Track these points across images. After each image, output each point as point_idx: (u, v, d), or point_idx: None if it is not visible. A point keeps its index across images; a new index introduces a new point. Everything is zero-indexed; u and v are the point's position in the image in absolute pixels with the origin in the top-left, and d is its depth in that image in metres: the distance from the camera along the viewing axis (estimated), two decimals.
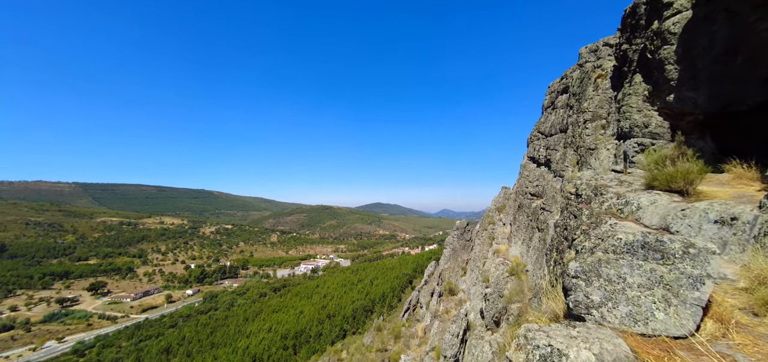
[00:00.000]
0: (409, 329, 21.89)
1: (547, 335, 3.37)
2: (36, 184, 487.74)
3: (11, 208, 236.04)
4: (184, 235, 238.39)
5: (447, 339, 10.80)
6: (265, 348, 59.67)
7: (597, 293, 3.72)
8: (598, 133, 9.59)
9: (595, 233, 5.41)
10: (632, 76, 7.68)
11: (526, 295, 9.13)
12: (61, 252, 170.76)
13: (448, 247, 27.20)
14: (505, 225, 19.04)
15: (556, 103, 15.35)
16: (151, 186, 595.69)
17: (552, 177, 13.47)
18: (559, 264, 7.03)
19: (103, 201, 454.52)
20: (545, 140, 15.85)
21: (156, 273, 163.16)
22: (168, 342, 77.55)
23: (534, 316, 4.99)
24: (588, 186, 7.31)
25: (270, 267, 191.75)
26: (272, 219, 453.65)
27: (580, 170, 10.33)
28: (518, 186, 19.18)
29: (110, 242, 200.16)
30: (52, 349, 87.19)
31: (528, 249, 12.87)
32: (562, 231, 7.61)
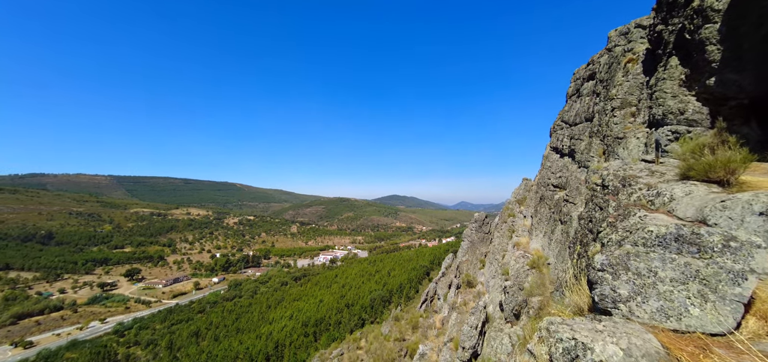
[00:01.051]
0: (426, 320, 21.99)
1: (570, 328, 3.30)
2: (77, 177, 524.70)
3: (56, 199, 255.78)
4: (210, 226, 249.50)
5: (465, 330, 10.77)
6: (287, 335, 61.96)
7: (625, 287, 3.59)
8: (627, 121, 9.10)
9: (623, 225, 5.18)
10: (667, 59, 7.18)
11: (547, 289, 8.93)
12: (100, 240, 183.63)
13: (466, 240, 26.90)
14: (526, 218, 18.57)
15: (582, 91, 14.65)
16: (179, 179, 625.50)
17: (576, 168, 12.95)
18: (583, 257, 6.80)
19: (135, 193, 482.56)
20: (569, 129, 15.21)
21: (184, 261, 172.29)
22: (197, 326, 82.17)
23: (556, 309, 4.88)
24: (615, 176, 6.98)
25: (290, 257, 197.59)
26: (292, 210, 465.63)
27: (606, 160, 9.86)
28: (540, 178, 18.60)
29: (142, 231, 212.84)
30: (96, 329, 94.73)
31: (550, 241, 12.52)
32: (586, 223, 7.34)
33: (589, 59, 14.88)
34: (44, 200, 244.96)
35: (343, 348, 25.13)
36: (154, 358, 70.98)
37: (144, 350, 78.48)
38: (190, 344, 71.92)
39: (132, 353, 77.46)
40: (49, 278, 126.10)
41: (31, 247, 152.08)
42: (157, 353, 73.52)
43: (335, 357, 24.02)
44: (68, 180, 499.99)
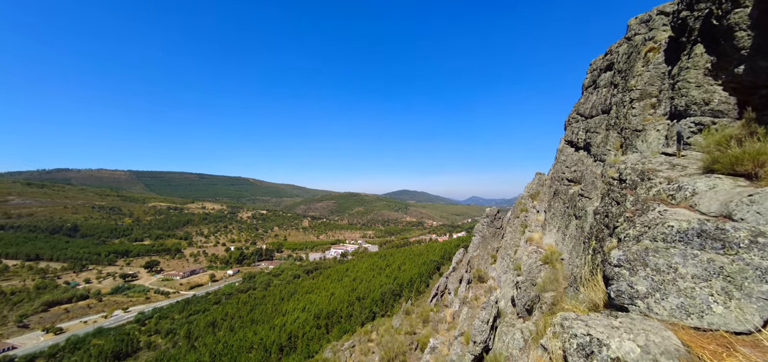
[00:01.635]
0: (437, 314, 22.03)
1: (585, 324, 3.25)
2: (98, 172, 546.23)
3: (80, 194, 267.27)
4: (224, 219, 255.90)
5: (476, 325, 10.74)
6: (300, 326, 63.27)
7: (643, 283, 3.50)
8: (646, 113, 8.77)
9: (641, 220, 5.04)
10: (692, 47, 6.85)
11: (560, 284, 8.78)
12: (121, 233, 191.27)
13: (478, 235, 26.68)
14: (539, 213, 18.25)
15: (599, 82, 14.19)
16: (194, 174, 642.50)
17: (592, 161, 12.62)
18: (599, 252, 6.66)
19: (152, 188, 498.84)
20: (585, 122, 14.79)
21: (200, 254, 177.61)
22: (213, 316, 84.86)
23: (570, 305, 4.80)
24: (633, 170, 6.77)
25: (302, 250, 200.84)
26: (303, 205, 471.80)
27: (624, 154, 9.56)
28: (554, 172, 18.20)
29: (160, 225, 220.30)
30: (119, 317, 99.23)
31: (564, 237, 12.28)
32: (602, 218, 7.17)
33: (607, 49, 14.36)
34: (69, 194, 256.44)
35: (354, 341, 25.50)
36: (173, 347, 73.82)
37: (164, 338, 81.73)
38: (207, 334, 74.45)
39: (153, 341, 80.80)
40: (76, 268, 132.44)
41: (59, 239, 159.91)
42: (176, 341, 76.45)
43: (347, 349, 24.41)
44: (91, 174, 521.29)
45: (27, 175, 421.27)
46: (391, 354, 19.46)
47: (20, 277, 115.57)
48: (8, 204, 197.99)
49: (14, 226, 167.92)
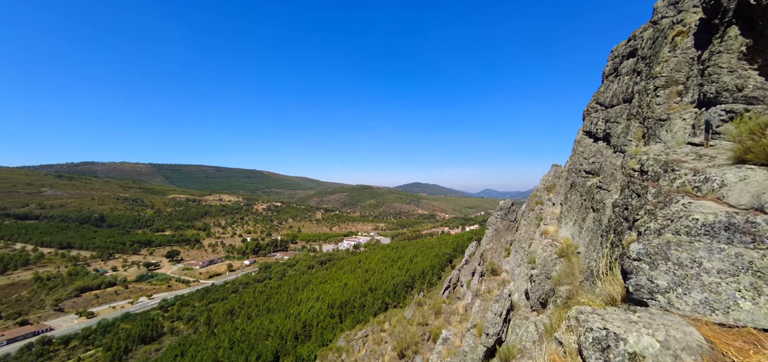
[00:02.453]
0: (449, 306, 22.06)
1: (601, 318, 3.19)
2: (121, 165, 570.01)
3: (105, 186, 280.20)
4: (240, 211, 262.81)
5: (489, 317, 10.69)
6: (315, 315, 64.78)
7: (663, 277, 3.39)
8: (672, 101, 8.34)
9: (663, 213, 4.86)
10: (725, 30, 6.44)
11: (576, 278, 8.59)
12: (144, 223, 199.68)
13: (491, 228, 26.37)
14: (555, 205, 17.82)
15: (620, 69, 13.58)
16: (211, 167, 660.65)
17: (611, 153, 12.17)
18: (617, 246, 6.47)
19: (172, 180, 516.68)
20: (605, 112, 14.23)
21: (218, 244, 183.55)
22: (231, 305, 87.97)
23: (586, 299, 4.71)
24: (656, 161, 6.50)
25: (316, 242, 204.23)
26: (316, 197, 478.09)
27: (646, 144, 9.17)
28: (571, 164, 17.68)
29: (180, 216, 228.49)
30: (144, 304, 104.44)
31: (580, 230, 11.98)
32: (621, 211, 6.94)
33: (631, 34, 13.69)
34: (95, 186, 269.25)
35: (367, 330, 25.92)
36: (194, 332, 77.19)
37: (186, 324, 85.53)
38: (225, 321, 77.35)
39: (176, 326, 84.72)
40: (104, 256, 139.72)
41: (88, 229, 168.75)
42: (197, 328, 79.86)
43: (360, 338, 24.86)
44: (114, 167, 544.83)
45: (57, 168, 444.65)
46: (404, 344, 19.69)
47: (54, 264, 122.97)
48: (41, 195, 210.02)
49: (47, 216, 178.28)
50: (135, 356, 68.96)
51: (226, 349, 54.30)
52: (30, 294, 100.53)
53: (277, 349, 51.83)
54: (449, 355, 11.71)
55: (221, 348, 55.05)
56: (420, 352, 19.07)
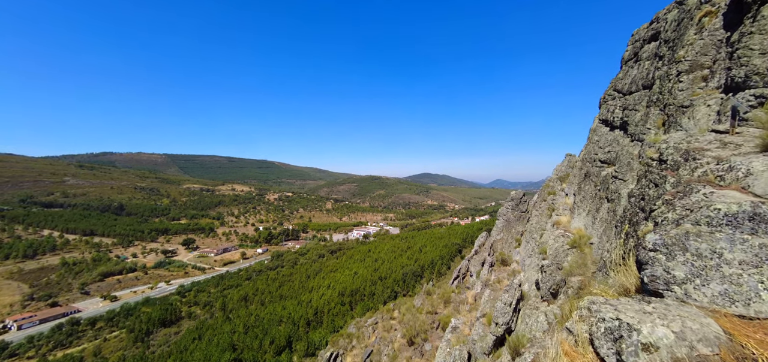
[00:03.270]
0: (458, 295, 22.14)
1: (614, 309, 3.15)
2: (138, 155, 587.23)
3: (123, 175, 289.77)
4: (253, 201, 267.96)
5: (499, 307, 10.69)
6: (326, 303, 66.18)
7: (681, 268, 3.30)
8: (696, 87, 7.96)
9: (682, 203, 4.72)
10: (759, 8, 6.06)
11: (588, 269, 8.46)
12: (160, 212, 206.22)
13: (502, 218, 26.12)
14: (568, 196, 17.46)
15: (641, 54, 13.00)
16: (223, 157, 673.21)
17: (628, 141, 11.77)
18: (632, 236, 6.33)
19: (186, 170, 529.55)
20: (623, 99, 13.71)
21: (232, 233, 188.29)
22: (246, 291, 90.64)
23: (599, 289, 4.65)
24: (676, 149, 6.26)
25: (326, 231, 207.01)
26: (326, 188, 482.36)
27: (666, 132, 8.82)
28: (586, 153, 17.20)
29: (194, 205, 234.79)
30: (163, 289, 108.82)
31: (594, 220, 11.72)
32: (637, 201, 6.76)
33: (653, 17, 13.04)
34: (114, 176, 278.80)
35: (377, 318, 26.35)
36: (210, 317, 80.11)
37: (202, 309, 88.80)
38: (240, 307, 79.90)
39: (193, 311, 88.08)
40: (124, 243, 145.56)
41: (108, 217, 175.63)
42: (213, 313, 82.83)
43: (370, 326, 25.32)
44: (131, 157, 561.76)
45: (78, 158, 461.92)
46: (413, 331, 19.95)
47: (79, 250, 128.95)
48: (65, 184, 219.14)
49: (71, 204, 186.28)
50: (156, 338, 72.29)
51: (241, 334, 56.28)
52: (58, 278, 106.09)
53: (290, 334, 53.37)
54: (458, 343, 11.82)
55: (236, 333, 57.09)
56: (429, 340, 19.30)
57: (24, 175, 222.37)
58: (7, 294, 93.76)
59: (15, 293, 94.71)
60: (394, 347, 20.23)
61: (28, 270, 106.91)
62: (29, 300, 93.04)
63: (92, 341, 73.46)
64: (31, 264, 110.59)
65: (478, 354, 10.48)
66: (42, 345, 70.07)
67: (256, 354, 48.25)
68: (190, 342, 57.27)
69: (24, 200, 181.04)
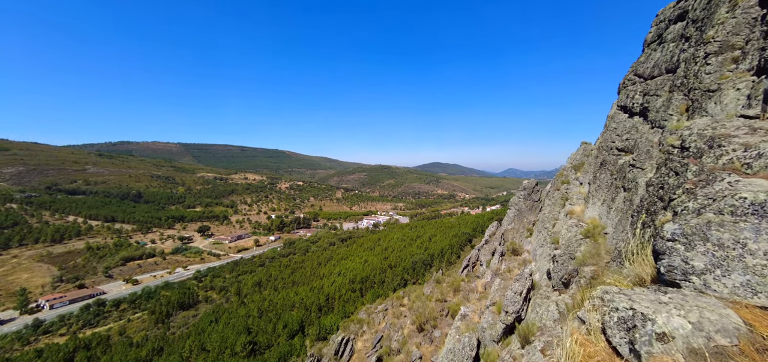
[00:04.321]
0: (468, 284, 22.19)
1: (629, 298, 3.10)
2: (153, 144, 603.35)
3: (140, 164, 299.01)
4: (265, 190, 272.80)
5: (509, 295, 10.67)
6: (337, 289, 67.54)
7: (700, 259, 3.21)
8: (725, 69, 7.54)
9: (705, 192, 4.56)
10: None
11: (602, 259, 8.32)
12: (176, 200, 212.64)
13: (513, 208, 25.81)
14: (583, 185, 17.06)
15: (665, 36, 12.36)
16: (235, 146, 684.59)
17: (648, 128, 11.34)
18: (649, 226, 6.17)
19: (200, 159, 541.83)
20: (644, 84, 13.14)
21: (245, 221, 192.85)
22: (259, 277, 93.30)
23: (612, 279, 4.57)
24: (700, 136, 6.00)
25: (337, 220, 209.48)
26: (336, 177, 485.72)
27: (690, 118, 8.44)
28: (602, 141, 16.68)
29: (208, 193, 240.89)
30: (180, 274, 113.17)
31: (609, 210, 11.45)
32: (656, 190, 6.55)
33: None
34: (132, 164, 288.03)
35: (387, 305, 26.76)
36: (226, 302, 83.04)
37: (218, 294, 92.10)
38: (254, 292, 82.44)
39: (209, 295, 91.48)
40: (143, 230, 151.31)
41: (127, 204, 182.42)
42: (228, 297, 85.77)
43: (380, 312, 25.76)
44: (147, 146, 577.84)
45: (97, 147, 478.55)
46: (423, 318, 20.20)
47: (102, 235, 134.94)
48: (86, 173, 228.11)
49: (93, 192, 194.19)
50: (175, 320, 75.64)
51: (256, 318, 58.24)
52: (84, 261, 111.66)
53: (302, 319, 54.91)
54: (468, 330, 11.91)
55: (251, 317, 59.11)
56: (438, 327, 19.52)
57: (49, 163, 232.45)
58: (39, 275, 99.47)
59: (45, 275, 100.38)
60: (403, 333, 20.56)
61: (57, 253, 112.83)
62: (58, 281, 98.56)
63: (117, 321, 77.56)
64: (59, 248, 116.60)
65: (488, 341, 10.55)
66: (72, 323, 74.50)
67: (270, 337, 49.96)
68: (208, 325, 59.71)
69: (49, 187, 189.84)
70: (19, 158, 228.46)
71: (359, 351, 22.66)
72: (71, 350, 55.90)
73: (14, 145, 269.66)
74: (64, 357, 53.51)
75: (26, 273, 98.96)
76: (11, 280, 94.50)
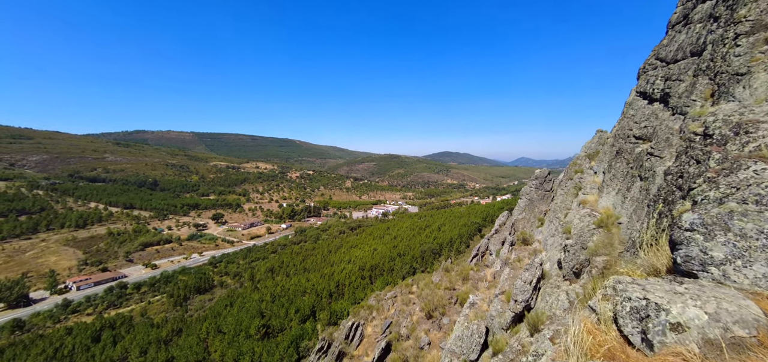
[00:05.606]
0: (477, 273, 22.20)
1: (642, 288, 3.04)
2: (167, 133, 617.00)
3: (155, 153, 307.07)
4: (276, 178, 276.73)
5: (519, 284, 10.63)
6: (347, 276, 68.73)
7: (720, 249, 3.11)
8: (756, 51, 7.11)
9: (728, 181, 4.40)
10: None
11: (615, 249, 8.15)
12: (190, 188, 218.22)
13: (524, 197, 25.44)
14: (597, 174, 16.62)
15: (692, 16, 11.70)
16: (246, 135, 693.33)
17: (669, 115, 10.87)
18: (666, 216, 5.99)
19: (212, 148, 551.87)
20: (665, 69, 12.55)
21: (257, 209, 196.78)
22: (272, 264, 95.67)
23: (626, 269, 4.49)
24: (725, 122, 5.73)
25: (346, 209, 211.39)
26: (346, 166, 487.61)
27: (715, 104, 8.05)
28: (619, 129, 16.12)
29: (222, 182, 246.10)
30: (196, 260, 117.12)
31: (624, 200, 11.16)
32: (675, 179, 6.34)
33: None
34: (147, 153, 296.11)
35: (396, 292, 27.11)
36: (240, 287, 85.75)
37: (232, 279, 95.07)
38: (267, 278, 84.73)
39: (224, 281, 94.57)
40: (159, 217, 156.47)
41: (145, 191, 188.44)
42: (242, 282, 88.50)
43: (389, 299, 26.14)
44: (162, 135, 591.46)
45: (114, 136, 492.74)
46: (431, 305, 20.40)
47: (122, 222, 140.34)
48: (105, 161, 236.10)
49: (111, 180, 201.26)
50: (192, 303, 78.75)
51: (269, 302, 60.02)
52: (106, 246, 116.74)
53: (314, 305, 56.28)
54: (476, 318, 11.97)
55: (264, 302, 60.95)
56: (447, 314, 19.70)
57: (70, 151, 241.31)
58: (65, 258, 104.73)
59: (71, 258, 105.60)
60: (412, 319, 20.85)
61: (81, 238, 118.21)
62: (83, 264, 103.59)
63: (138, 303, 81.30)
64: (83, 233, 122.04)
65: (496, 328, 10.60)
66: (97, 304, 78.61)
67: (282, 321, 51.51)
68: (223, 309, 61.96)
69: (72, 175, 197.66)
70: (43, 146, 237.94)
71: (369, 336, 23.15)
72: (98, 329, 59.13)
73: (37, 134, 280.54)
74: (91, 335, 56.67)
75: (54, 256, 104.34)
76: (41, 262, 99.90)
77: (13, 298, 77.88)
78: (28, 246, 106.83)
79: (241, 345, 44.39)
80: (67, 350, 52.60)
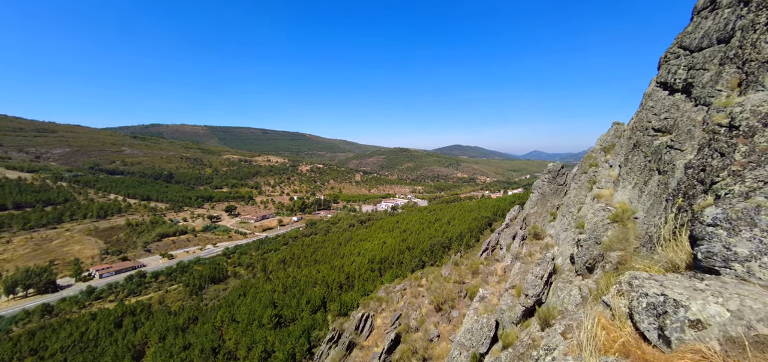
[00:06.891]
0: (487, 267, 22.06)
1: (659, 284, 2.97)
2: (181, 127, 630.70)
3: (170, 146, 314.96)
4: (286, 172, 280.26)
5: (530, 279, 10.52)
6: (356, 268, 69.49)
7: (745, 245, 3.00)
8: None
9: (755, 174, 4.23)
10: None
11: (630, 244, 7.95)
12: (204, 181, 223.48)
13: (536, 191, 25.00)
14: (613, 167, 16.16)
15: (720, 1, 11.11)
16: (258, 129, 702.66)
17: (691, 106, 10.42)
18: (686, 210, 5.79)
19: (225, 142, 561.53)
20: (689, 57, 11.98)
21: (269, 201, 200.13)
22: (283, 255, 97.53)
23: (642, 265, 4.38)
24: (753, 113, 5.46)
25: (356, 202, 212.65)
26: (355, 160, 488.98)
27: (742, 94, 7.66)
28: (637, 121, 15.57)
29: (234, 175, 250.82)
30: (211, 251, 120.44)
31: (641, 194, 10.82)
32: (696, 173, 6.10)
33: None
34: (163, 146, 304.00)
35: (405, 285, 27.25)
36: (253, 277, 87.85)
37: (245, 270, 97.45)
38: (279, 269, 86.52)
39: (237, 271, 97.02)
40: (175, 208, 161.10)
41: (161, 184, 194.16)
42: (255, 273, 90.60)
43: (399, 291, 26.31)
44: (176, 129, 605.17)
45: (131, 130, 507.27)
46: (440, 299, 20.44)
47: (139, 213, 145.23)
48: (123, 154, 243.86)
49: (129, 172, 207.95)
50: (207, 292, 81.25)
51: (281, 293, 61.38)
52: (125, 236, 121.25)
53: (324, 296, 57.23)
54: (486, 312, 11.94)
55: (276, 292, 62.35)
56: (456, 307, 19.71)
57: (91, 145, 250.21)
58: (88, 247, 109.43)
59: (94, 247, 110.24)
60: (421, 312, 20.96)
61: (102, 228, 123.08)
62: (105, 253, 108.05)
63: (156, 291, 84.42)
64: (104, 224, 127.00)
65: (506, 322, 10.55)
66: (119, 291, 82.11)
67: (294, 311, 52.63)
68: (237, 298, 63.69)
69: (92, 167, 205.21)
70: (65, 140, 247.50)
71: (378, 328, 23.41)
72: (120, 315, 61.86)
73: (60, 128, 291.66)
74: (114, 320, 59.37)
75: (78, 245, 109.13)
76: (66, 251, 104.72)
77: (42, 284, 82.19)
78: (55, 235, 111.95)
79: (255, 334, 45.66)
80: (92, 334, 55.32)
